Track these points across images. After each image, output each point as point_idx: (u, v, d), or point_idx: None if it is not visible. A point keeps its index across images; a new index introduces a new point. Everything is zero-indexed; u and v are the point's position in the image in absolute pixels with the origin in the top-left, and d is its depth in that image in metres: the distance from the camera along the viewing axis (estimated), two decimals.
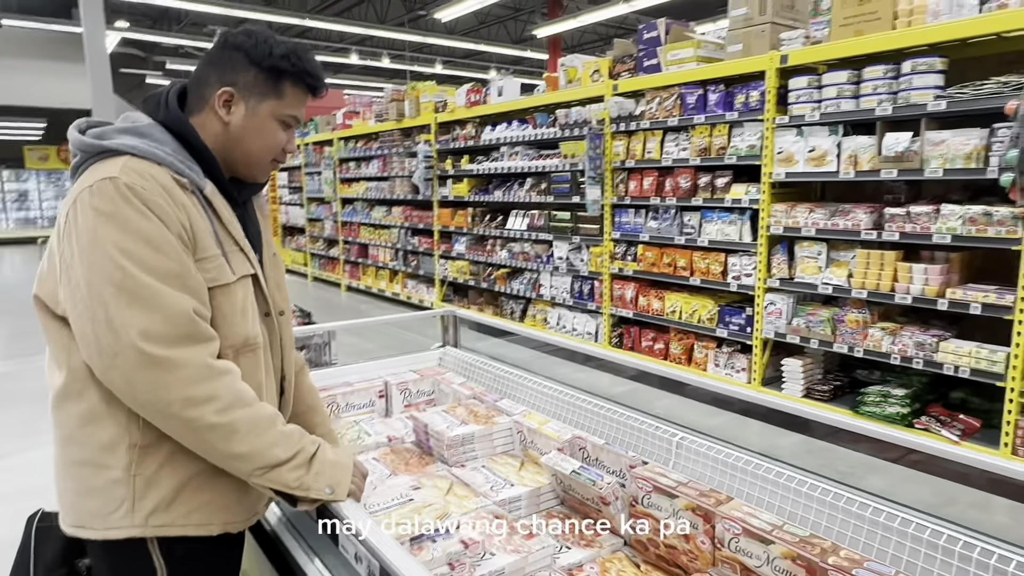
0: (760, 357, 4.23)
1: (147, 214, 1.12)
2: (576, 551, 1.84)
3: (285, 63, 1.27)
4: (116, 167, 1.13)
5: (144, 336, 1.08)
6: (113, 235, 1.09)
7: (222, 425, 1.13)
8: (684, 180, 4.70)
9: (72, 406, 1.20)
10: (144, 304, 1.09)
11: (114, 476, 1.18)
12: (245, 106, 1.28)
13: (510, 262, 6.50)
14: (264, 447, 1.18)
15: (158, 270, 1.11)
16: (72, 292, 1.12)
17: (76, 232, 1.11)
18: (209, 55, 1.30)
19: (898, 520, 1.40)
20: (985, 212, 3.18)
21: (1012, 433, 3.11)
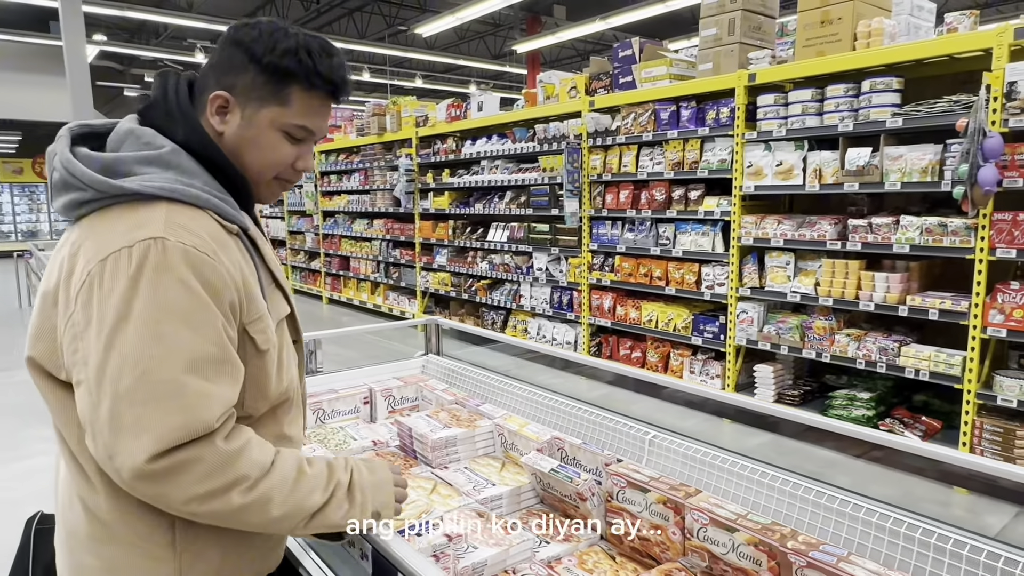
0: (733, 364, 4.37)
1: (194, 287, 0.93)
2: (555, 545, 1.93)
3: (290, 61, 1.03)
4: (158, 222, 0.94)
5: (155, 443, 0.90)
6: (148, 312, 0.91)
7: (252, 502, 0.98)
8: (659, 193, 4.84)
9: (96, 495, 1.02)
10: (163, 404, 0.91)
11: (157, 555, 1.03)
12: (241, 114, 1.07)
13: (491, 273, 6.60)
14: (301, 500, 1.03)
15: (192, 357, 0.93)
16: (79, 366, 0.94)
17: (100, 298, 0.92)
18: (213, 52, 1.09)
19: (850, 506, 1.51)
20: (940, 223, 3.35)
21: (970, 433, 3.27)
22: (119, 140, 1.02)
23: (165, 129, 1.04)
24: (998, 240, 3.15)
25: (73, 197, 0.98)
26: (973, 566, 1.31)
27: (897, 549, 1.42)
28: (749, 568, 1.62)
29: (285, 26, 1.07)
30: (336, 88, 1.09)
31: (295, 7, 14.78)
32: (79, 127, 1.05)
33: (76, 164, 0.97)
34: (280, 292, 1.16)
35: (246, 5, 14.64)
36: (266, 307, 1.07)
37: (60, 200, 1.00)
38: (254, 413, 1.09)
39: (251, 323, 1.03)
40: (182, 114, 1.04)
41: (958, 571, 1.33)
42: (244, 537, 1.10)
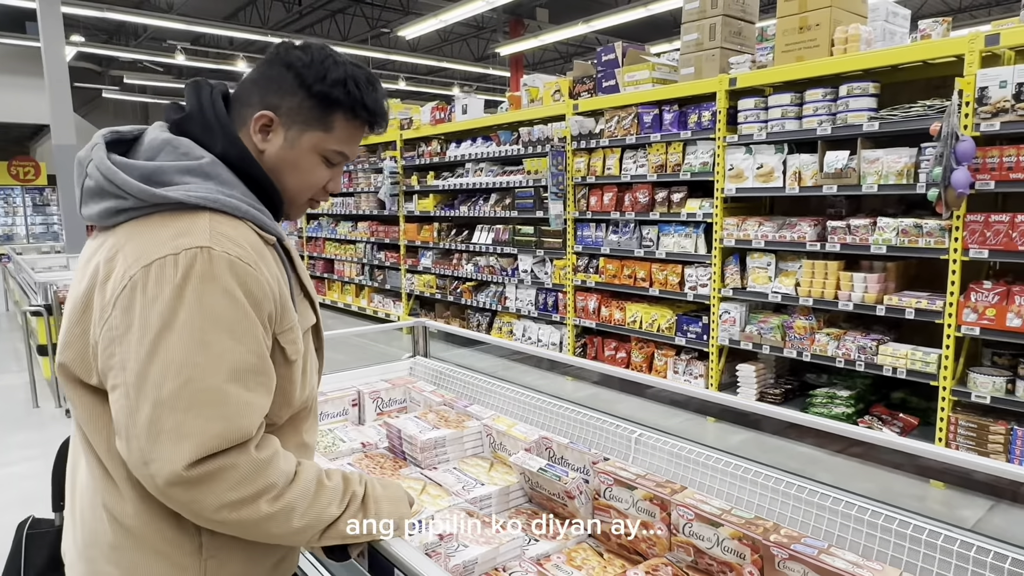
0: (716, 363, 4.44)
1: (238, 297, 0.95)
2: (544, 543, 1.96)
3: (339, 91, 1.07)
4: (203, 231, 0.95)
5: (195, 450, 0.91)
6: (194, 322, 0.92)
7: (278, 512, 0.99)
8: (642, 195, 4.90)
9: (124, 502, 1.02)
10: (205, 411, 0.92)
11: (183, 563, 1.03)
12: (284, 135, 1.09)
13: (476, 275, 6.62)
14: (320, 511, 1.05)
15: (234, 367, 0.94)
16: (116, 370, 0.94)
17: (143, 303, 0.92)
18: (258, 68, 1.12)
19: (830, 499, 1.56)
20: (916, 224, 3.44)
21: (945, 429, 3.35)
22: (155, 149, 1.03)
23: (202, 140, 1.05)
24: (971, 241, 3.24)
25: (111, 205, 0.98)
26: (947, 555, 1.36)
27: (875, 540, 1.47)
28: (733, 562, 1.67)
29: (333, 53, 1.11)
30: (377, 120, 1.14)
31: (277, 9, 14.71)
32: (111, 134, 1.06)
33: (117, 172, 0.97)
34: (308, 302, 1.18)
35: (227, 6, 14.54)
36: (296, 317, 1.08)
37: (95, 207, 1.00)
38: (277, 421, 1.10)
39: (283, 333, 1.04)
40: (221, 127, 1.05)
41: (933, 560, 1.39)
42: (267, 546, 1.10)
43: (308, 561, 1.41)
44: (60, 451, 1.45)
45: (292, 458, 1.05)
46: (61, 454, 1.45)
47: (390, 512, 1.16)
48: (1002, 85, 3.09)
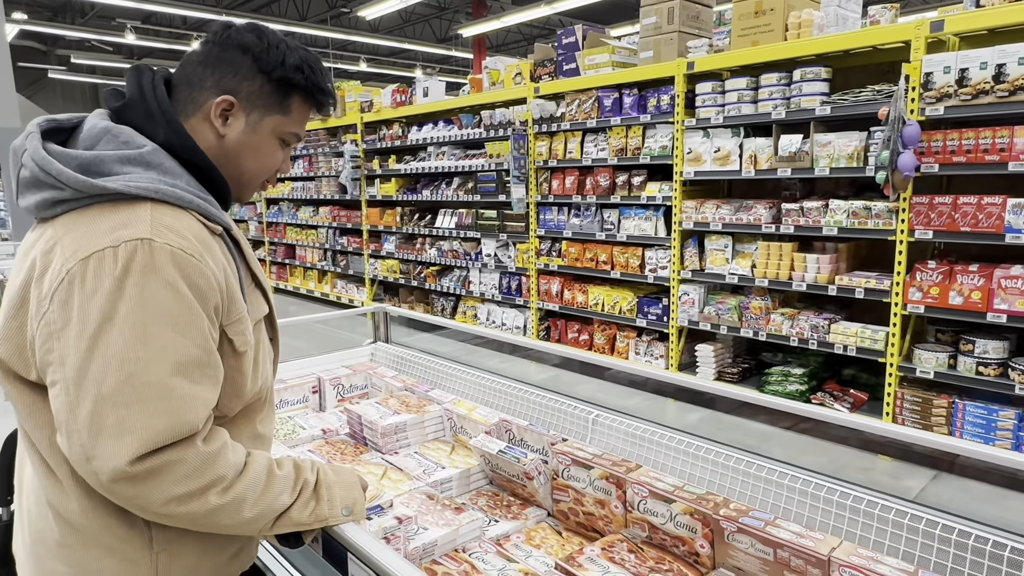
0: (676, 344, 4.53)
1: (181, 289, 0.93)
2: (504, 523, 2.00)
3: (299, 76, 1.10)
4: (143, 222, 0.93)
5: (139, 445, 0.89)
6: (135, 315, 0.90)
7: (227, 503, 0.98)
8: (603, 179, 4.94)
9: (68, 499, 1.00)
10: (148, 406, 0.90)
11: (133, 557, 1.01)
12: (246, 120, 1.10)
13: (439, 260, 6.60)
14: (271, 500, 1.04)
15: (179, 360, 0.93)
16: (55, 366, 0.92)
17: (82, 298, 0.90)
18: (206, 51, 1.09)
19: (776, 474, 1.63)
20: (865, 206, 3.54)
21: (892, 403, 3.49)
22: (94, 138, 0.99)
23: (144, 129, 1.02)
24: (916, 222, 3.36)
25: (47, 196, 0.95)
26: (884, 524, 1.43)
27: (819, 512, 1.54)
28: (685, 536, 1.72)
29: (284, 38, 1.12)
30: (329, 102, 1.18)
31: None
32: (47, 122, 1.02)
33: (52, 162, 0.93)
34: (260, 291, 1.17)
35: None
36: (246, 308, 1.07)
37: (31, 198, 0.97)
38: (228, 413, 1.09)
39: (230, 325, 1.03)
40: (163, 114, 1.03)
41: (870, 529, 1.46)
42: (222, 538, 1.10)
43: (267, 551, 1.41)
44: (6, 444, 1.42)
45: (241, 449, 1.04)
46: (7, 447, 1.42)
47: (343, 498, 1.16)
48: (946, 71, 3.19)
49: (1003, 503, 1.83)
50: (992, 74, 3.06)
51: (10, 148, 1.00)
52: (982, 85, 3.09)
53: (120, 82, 3.19)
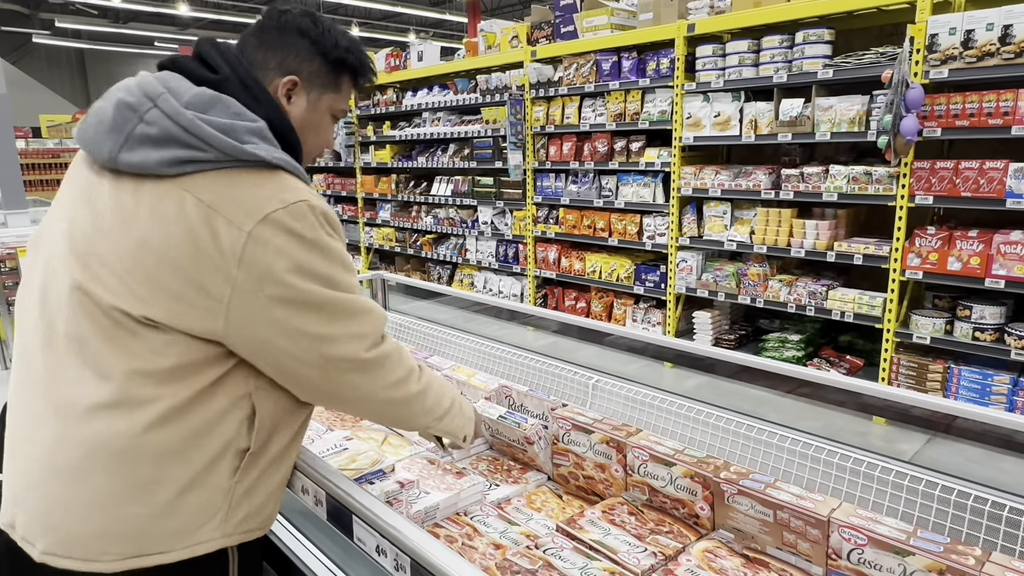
0: (674, 311, 4.53)
1: (337, 237, 1.09)
2: (504, 487, 2.01)
3: (351, 56, 1.22)
4: (298, 188, 1.05)
5: (368, 341, 1.10)
6: (318, 261, 1.04)
7: (420, 391, 1.22)
8: (601, 145, 4.88)
9: (171, 424, 1.03)
10: (353, 317, 1.08)
11: (217, 486, 1.06)
12: (307, 98, 1.20)
13: (436, 228, 6.56)
14: (440, 397, 1.30)
15: (353, 288, 1.10)
16: (257, 314, 1.01)
17: (271, 254, 1.00)
18: (263, 35, 1.17)
19: (776, 437, 1.63)
20: (866, 172, 3.51)
21: (888, 368, 3.51)
22: (204, 105, 1.03)
23: (246, 104, 1.07)
24: (917, 188, 3.34)
25: (180, 154, 0.99)
26: (883, 485, 1.45)
27: (819, 474, 1.55)
28: (686, 499, 1.74)
29: (331, 22, 1.23)
30: (372, 80, 1.32)
31: None
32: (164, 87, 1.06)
33: (201, 125, 0.99)
34: None
35: None
36: None
37: (155, 154, 0.99)
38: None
39: None
40: (263, 93, 1.11)
41: (870, 490, 1.47)
42: (285, 479, 1.20)
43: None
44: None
45: None
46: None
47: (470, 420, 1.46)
48: (951, 32, 3.13)
49: (997, 465, 1.86)
50: (998, 35, 3.01)
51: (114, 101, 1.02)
52: (988, 47, 3.04)
53: (108, 47, 3.08)
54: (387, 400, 1.16)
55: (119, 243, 1.00)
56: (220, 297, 0.99)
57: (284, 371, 1.07)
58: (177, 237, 0.98)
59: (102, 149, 1.01)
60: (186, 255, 0.98)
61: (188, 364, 1.02)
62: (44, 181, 12.87)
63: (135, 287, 0.99)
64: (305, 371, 1.06)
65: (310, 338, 1.04)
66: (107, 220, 1.02)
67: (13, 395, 1.13)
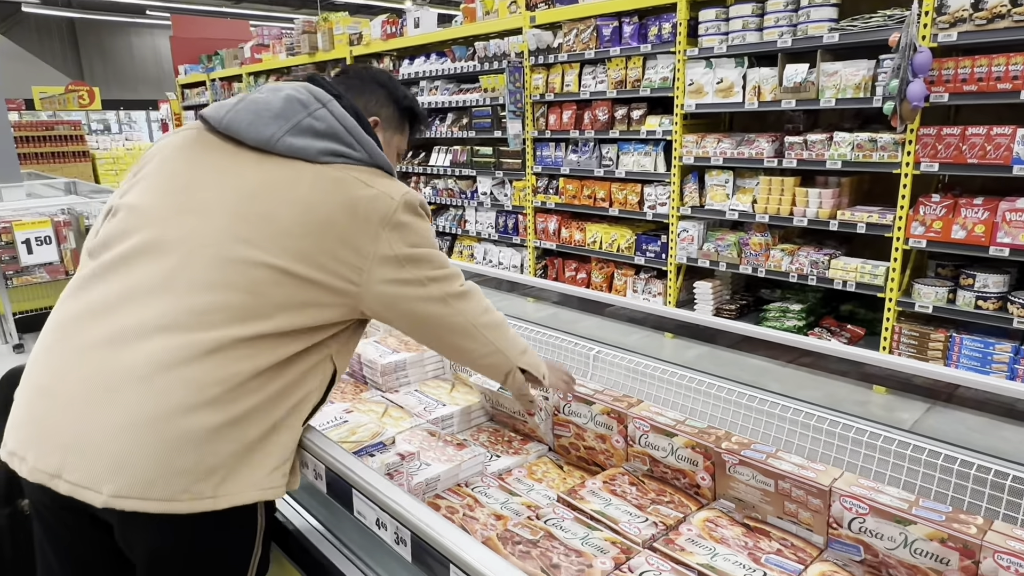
0: (674, 281, 4.51)
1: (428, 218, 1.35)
2: (505, 458, 2.01)
3: (416, 106, 1.51)
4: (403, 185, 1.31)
5: (457, 278, 1.35)
6: (425, 229, 1.30)
7: (500, 319, 1.43)
8: (602, 113, 4.80)
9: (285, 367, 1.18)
10: (446, 262, 1.34)
11: (292, 429, 1.20)
12: (383, 136, 1.44)
13: (434, 199, 6.50)
14: (514, 335, 1.48)
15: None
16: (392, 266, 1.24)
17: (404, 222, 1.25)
18: (348, 81, 1.45)
19: (779, 407, 1.62)
20: (871, 139, 3.46)
21: (890, 338, 3.50)
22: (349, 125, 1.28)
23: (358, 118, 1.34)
24: (923, 154, 3.28)
25: (335, 147, 1.23)
26: (885, 455, 1.44)
27: (820, 444, 1.54)
28: (687, 468, 1.74)
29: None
30: (425, 130, 1.63)
31: None
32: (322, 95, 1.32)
33: (360, 130, 1.27)
34: None
35: None
36: None
37: (315, 143, 1.22)
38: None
39: None
40: (367, 126, 1.33)
41: (872, 459, 1.46)
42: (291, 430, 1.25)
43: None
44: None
45: None
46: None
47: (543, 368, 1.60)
48: None
49: (998, 433, 1.86)
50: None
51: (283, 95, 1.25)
52: (999, 8, 2.96)
53: (99, 16, 3.05)
54: (488, 324, 1.36)
55: (278, 208, 1.16)
56: (368, 254, 1.19)
57: (414, 315, 1.29)
58: (339, 204, 1.18)
59: (263, 131, 1.20)
60: (345, 219, 1.18)
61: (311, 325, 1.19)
62: (39, 154, 12.73)
63: (290, 244, 1.15)
64: (433, 308, 1.29)
65: (433, 281, 1.27)
66: (261, 188, 1.18)
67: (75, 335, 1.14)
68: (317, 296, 1.17)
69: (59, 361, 1.14)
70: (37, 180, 8.17)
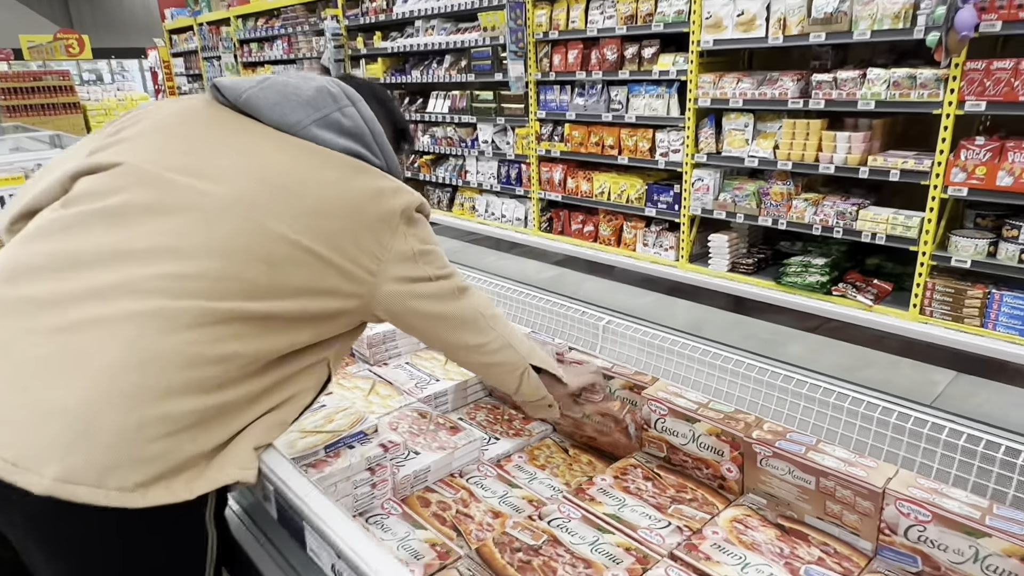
0: (688, 234, 4.24)
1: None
2: (504, 441, 1.81)
3: (408, 130, 1.49)
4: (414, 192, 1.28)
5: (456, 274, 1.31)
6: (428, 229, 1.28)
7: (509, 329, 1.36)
8: (610, 52, 4.44)
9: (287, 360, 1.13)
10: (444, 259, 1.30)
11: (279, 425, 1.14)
12: None
13: (433, 148, 6.18)
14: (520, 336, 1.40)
15: None
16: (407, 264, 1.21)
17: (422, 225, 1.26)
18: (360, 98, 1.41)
19: (820, 390, 1.39)
20: (910, 75, 3.13)
21: (921, 295, 3.25)
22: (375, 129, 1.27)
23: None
24: (968, 92, 2.96)
25: (354, 147, 1.21)
26: (950, 450, 1.22)
27: (869, 434, 1.32)
28: (710, 458, 1.52)
29: None
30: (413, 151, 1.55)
31: None
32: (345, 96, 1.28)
33: (385, 141, 1.28)
34: None
35: None
36: None
37: (338, 140, 1.19)
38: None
39: None
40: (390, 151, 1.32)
41: (933, 456, 1.24)
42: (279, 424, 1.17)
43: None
44: None
45: None
46: None
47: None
48: None
49: None
50: None
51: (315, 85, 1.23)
52: None
53: None
54: (496, 316, 1.33)
55: (306, 185, 1.12)
56: (387, 245, 1.16)
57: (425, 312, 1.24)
58: (365, 190, 1.17)
59: (288, 116, 1.17)
60: (370, 206, 1.16)
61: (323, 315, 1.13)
62: (28, 106, 12.33)
63: (314, 224, 1.09)
64: (445, 303, 1.25)
65: (441, 278, 1.24)
66: (288, 163, 1.13)
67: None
68: (334, 283, 1.12)
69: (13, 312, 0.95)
70: (23, 133, 7.86)
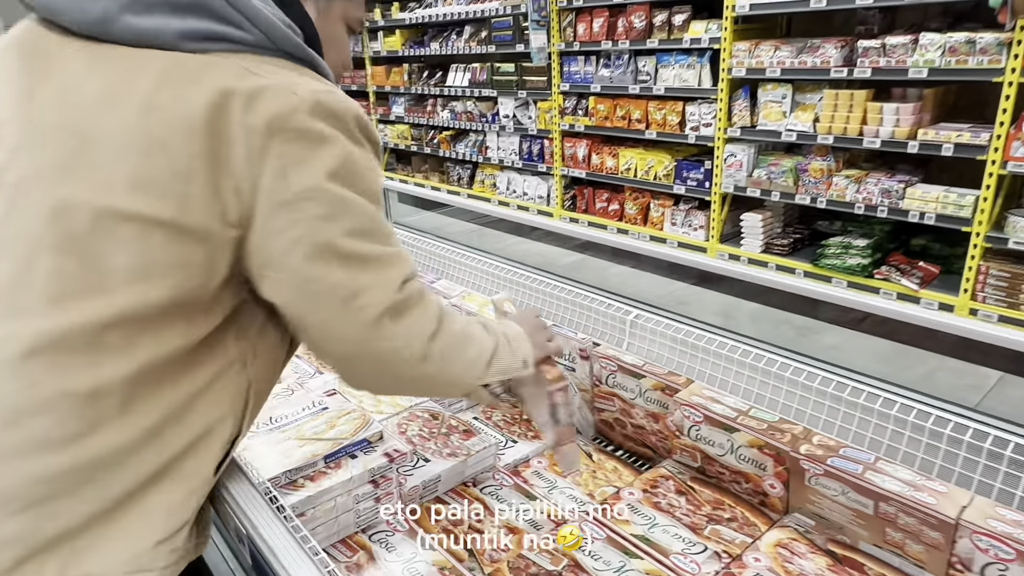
0: (719, 213, 4.03)
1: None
2: (523, 444, 1.68)
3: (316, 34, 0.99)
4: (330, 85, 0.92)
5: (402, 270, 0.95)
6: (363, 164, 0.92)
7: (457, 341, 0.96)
8: (638, 19, 4.21)
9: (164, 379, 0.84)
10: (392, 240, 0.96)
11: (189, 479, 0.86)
12: (315, 4, 0.99)
13: (453, 123, 6.00)
14: (481, 341, 1.01)
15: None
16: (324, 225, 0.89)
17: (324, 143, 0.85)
18: None
19: (879, 401, 1.23)
20: (968, 40, 2.87)
21: (973, 279, 3.03)
22: None
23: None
24: None
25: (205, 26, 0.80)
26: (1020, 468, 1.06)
27: (938, 453, 1.16)
28: (750, 472, 1.37)
29: None
30: None
31: None
32: None
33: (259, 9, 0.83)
34: None
35: None
36: None
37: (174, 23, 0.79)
38: None
39: None
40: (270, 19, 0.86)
41: (1017, 481, 1.08)
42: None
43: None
44: None
45: None
46: None
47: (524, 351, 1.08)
48: None
49: None
50: None
51: None
52: None
53: None
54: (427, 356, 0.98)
55: (104, 120, 0.77)
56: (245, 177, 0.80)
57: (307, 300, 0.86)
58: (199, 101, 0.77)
59: (90, 8, 0.78)
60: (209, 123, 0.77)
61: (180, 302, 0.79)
62: None
63: (122, 170, 0.76)
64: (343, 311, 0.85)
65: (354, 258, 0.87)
66: (90, 98, 0.78)
67: None
68: (177, 250, 0.77)
69: None
70: None
